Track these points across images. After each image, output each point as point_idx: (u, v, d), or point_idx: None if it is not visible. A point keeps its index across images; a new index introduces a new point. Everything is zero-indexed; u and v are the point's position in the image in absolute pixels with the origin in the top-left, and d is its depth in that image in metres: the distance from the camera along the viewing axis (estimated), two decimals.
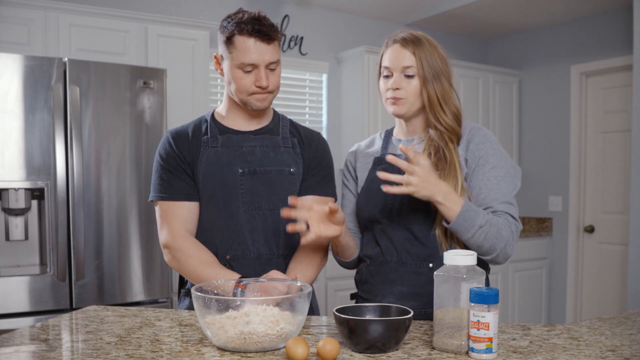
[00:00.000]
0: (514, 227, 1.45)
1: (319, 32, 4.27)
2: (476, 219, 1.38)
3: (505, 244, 1.43)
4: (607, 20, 4.24)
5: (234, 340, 1.12)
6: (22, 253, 2.62)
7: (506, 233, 1.43)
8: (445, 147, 1.49)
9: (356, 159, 1.69)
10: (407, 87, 1.52)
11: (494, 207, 1.45)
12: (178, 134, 1.63)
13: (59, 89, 2.51)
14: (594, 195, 4.43)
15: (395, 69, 1.53)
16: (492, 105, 4.72)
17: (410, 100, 1.52)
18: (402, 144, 1.60)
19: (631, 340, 1.24)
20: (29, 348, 1.18)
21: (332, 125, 4.33)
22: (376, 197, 1.55)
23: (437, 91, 1.51)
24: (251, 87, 1.54)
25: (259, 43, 1.50)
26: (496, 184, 1.47)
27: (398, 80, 1.52)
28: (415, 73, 1.51)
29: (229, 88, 1.60)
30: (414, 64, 1.51)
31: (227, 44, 1.53)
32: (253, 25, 1.49)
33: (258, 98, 1.56)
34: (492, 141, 1.52)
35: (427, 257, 1.49)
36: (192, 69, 3.34)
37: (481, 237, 1.39)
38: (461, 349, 1.13)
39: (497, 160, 1.50)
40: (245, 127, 1.64)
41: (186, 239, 1.56)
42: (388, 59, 1.55)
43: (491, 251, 1.43)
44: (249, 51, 1.50)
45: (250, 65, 1.51)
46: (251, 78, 1.53)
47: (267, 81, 1.52)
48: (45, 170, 2.51)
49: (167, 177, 1.59)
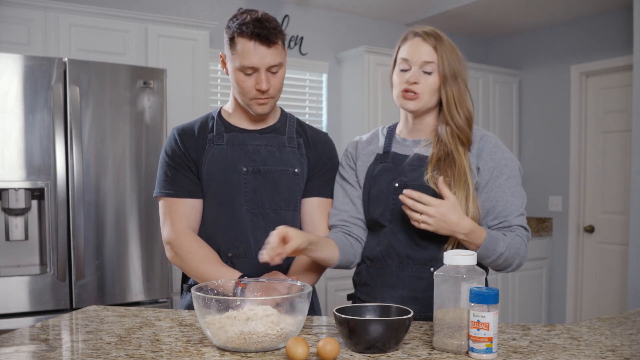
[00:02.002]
0: (526, 239, 1.48)
1: (319, 32, 4.27)
2: (497, 248, 1.40)
3: (521, 259, 1.47)
4: (607, 20, 4.24)
5: (234, 340, 1.12)
6: (22, 253, 2.62)
7: (522, 250, 1.46)
8: (455, 150, 1.47)
9: (357, 151, 1.63)
10: (424, 83, 1.48)
11: (510, 221, 1.46)
12: (184, 130, 1.63)
13: (59, 89, 2.51)
14: (594, 195, 4.43)
15: (414, 62, 1.48)
16: (492, 105, 4.72)
17: (425, 97, 1.49)
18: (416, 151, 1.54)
19: (631, 340, 1.24)
20: (29, 348, 1.18)
21: (332, 125, 4.33)
22: (379, 196, 1.53)
23: (454, 92, 1.48)
24: (252, 91, 1.52)
25: (259, 46, 1.48)
26: (511, 196, 1.47)
27: (416, 74, 1.48)
28: (435, 70, 1.47)
29: (232, 89, 1.60)
30: (435, 61, 1.47)
31: (230, 45, 1.53)
32: (254, 27, 1.47)
33: (259, 103, 1.54)
34: (503, 150, 1.52)
35: (429, 262, 1.48)
36: (192, 69, 3.34)
37: (501, 260, 1.43)
38: (461, 349, 1.13)
39: (510, 170, 1.49)
40: (251, 126, 1.63)
41: (188, 236, 1.56)
42: (407, 52, 1.49)
43: (507, 266, 1.46)
44: (249, 54, 1.48)
45: (250, 68, 1.50)
46: (252, 81, 1.51)
47: (267, 84, 1.51)
48: (45, 170, 2.51)
49: (172, 174, 1.59)
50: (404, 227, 1.48)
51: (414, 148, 1.55)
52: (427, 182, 1.46)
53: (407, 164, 1.52)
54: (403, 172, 1.52)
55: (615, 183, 4.26)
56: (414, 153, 1.53)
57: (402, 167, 1.53)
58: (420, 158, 1.51)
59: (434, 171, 1.46)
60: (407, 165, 1.52)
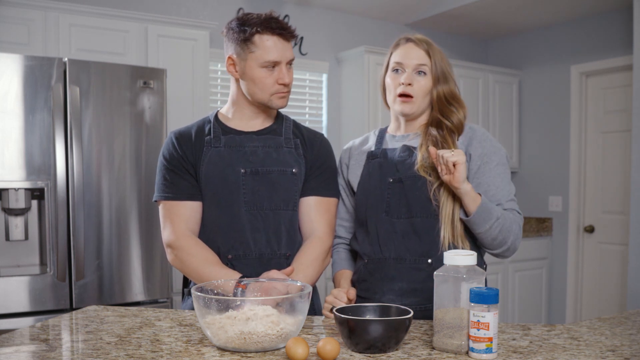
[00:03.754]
0: (520, 221, 1.52)
1: (319, 32, 4.27)
2: (493, 212, 1.44)
3: (515, 237, 1.49)
4: (607, 20, 4.24)
5: (234, 340, 1.12)
6: (22, 253, 2.62)
7: (516, 228, 1.49)
8: (443, 140, 1.52)
9: (350, 156, 1.71)
10: (417, 85, 1.55)
11: (503, 204, 1.50)
12: (182, 134, 1.64)
13: (59, 89, 2.51)
14: (594, 195, 4.43)
15: (408, 65, 1.56)
16: (492, 105, 4.72)
17: (419, 98, 1.56)
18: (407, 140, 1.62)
19: (631, 340, 1.24)
20: (29, 348, 1.18)
21: (332, 125, 4.33)
22: (374, 190, 1.57)
23: (445, 91, 1.56)
24: (274, 86, 1.57)
25: (281, 40, 1.55)
26: (501, 182, 1.52)
27: (410, 76, 1.55)
28: (428, 71, 1.55)
29: (247, 88, 1.60)
30: (428, 63, 1.55)
31: (247, 44, 1.55)
32: (274, 24, 1.54)
33: (280, 96, 1.60)
34: (491, 139, 1.57)
35: (426, 253, 1.50)
36: (192, 69, 3.34)
37: (497, 229, 1.44)
38: (461, 349, 1.13)
39: (498, 157, 1.54)
40: (248, 128, 1.65)
41: (189, 238, 1.57)
42: (400, 56, 1.58)
43: (503, 244, 1.48)
44: (272, 49, 1.54)
45: (273, 62, 1.55)
46: (274, 76, 1.56)
47: (289, 78, 1.58)
48: (45, 170, 2.51)
49: (171, 177, 1.60)
50: (401, 215, 1.52)
51: (403, 141, 1.61)
52: (418, 172, 1.51)
53: (397, 156, 1.57)
54: (394, 165, 1.56)
55: (615, 183, 4.26)
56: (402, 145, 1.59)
57: (393, 160, 1.58)
58: (408, 148, 1.57)
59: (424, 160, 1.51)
60: (397, 158, 1.57)
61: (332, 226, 1.67)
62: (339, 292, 1.47)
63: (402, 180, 1.53)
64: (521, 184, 4.78)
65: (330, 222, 1.66)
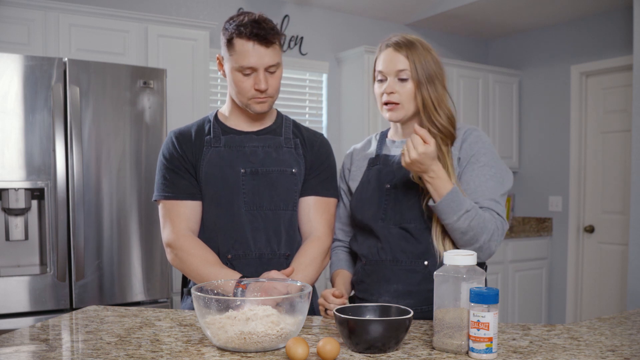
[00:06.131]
0: (499, 223, 1.45)
1: (319, 32, 4.27)
2: (463, 203, 1.39)
3: (489, 237, 1.42)
4: (607, 20, 4.24)
5: (234, 340, 1.12)
6: (22, 253, 2.62)
7: (491, 226, 1.42)
8: (438, 150, 1.48)
9: (352, 161, 1.70)
10: (401, 91, 1.52)
11: (480, 202, 1.45)
12: (181, 134, 1.64)
13: (59, 89, 2.51)
14: (594, 195, 4.43)
15: (389, 73, 1.53)
16: (492, 105, 4.72)
17: (405, 104, 1.53)
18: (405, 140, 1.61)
19: (631, 340, 1.24)
20: (29, 348, 1.18)
21: (332, 125, 4.33)
22: (371, 197, 1.57)
23: (431, 94, 1.51)
24: (250, 91, 1.55)
25: (258, 46, 1.51)
26: (484, 181, 1.48)
27: (392, 84, 1.53)
28: (409, 76, 1.52)
29: (229, 90, 1.61)
30: (408, 67, 1.51)
31: (228, 46, 1.54)
32: (252, 28, 1.50)
33: (257, 101, 1.57)
34: (485, 142, 1.53)
35: (422, 255, 1.50)
36: (192, 69, 3.34)
37: (466, 222, 1.39)
38: (461, 349, 1.13)
39: (488, 159, 1.50)
40: (248, 128, 1.65)
41: (189, 237, 1.57)
42: (381, 63, 1.55)
43: (474, 241, 1.42)
44: (247, 54, 1.51)
45: (249, 68, 1.52)
46: (250, 81, 1.54)
47: (266, 84, 1.53)
48: (45, 170, 2.51)
49: (170, 177, 1.60)
50: (396, 221, 1.52)
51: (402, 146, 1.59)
52: (413, 179, 1.50)
53: (395, 163, 1.57)
54: (392, 172, 1.56)
55: (615, 183, 4.26)
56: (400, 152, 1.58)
57: (391, 166, 1.57)
58: None
59: None
60: (395, 165, 1.57)
61: (331, 226, 1.67)
62: (327, 294, 1.46)
63: (397, 186, 1.53)
64: (521, 184, 4.78)
65: (329, 222, 1.66)
